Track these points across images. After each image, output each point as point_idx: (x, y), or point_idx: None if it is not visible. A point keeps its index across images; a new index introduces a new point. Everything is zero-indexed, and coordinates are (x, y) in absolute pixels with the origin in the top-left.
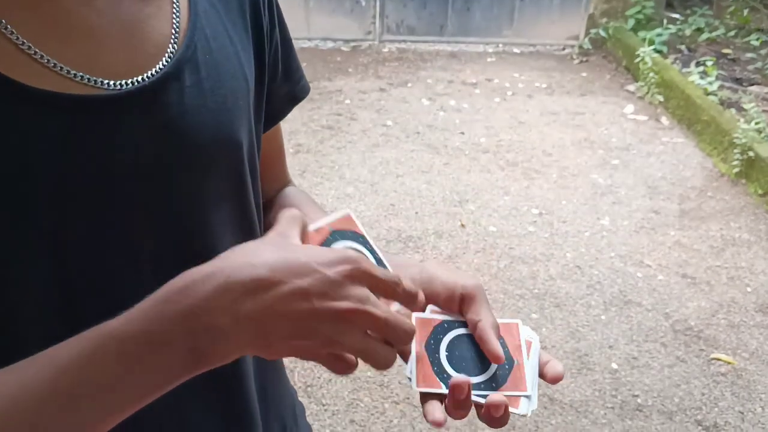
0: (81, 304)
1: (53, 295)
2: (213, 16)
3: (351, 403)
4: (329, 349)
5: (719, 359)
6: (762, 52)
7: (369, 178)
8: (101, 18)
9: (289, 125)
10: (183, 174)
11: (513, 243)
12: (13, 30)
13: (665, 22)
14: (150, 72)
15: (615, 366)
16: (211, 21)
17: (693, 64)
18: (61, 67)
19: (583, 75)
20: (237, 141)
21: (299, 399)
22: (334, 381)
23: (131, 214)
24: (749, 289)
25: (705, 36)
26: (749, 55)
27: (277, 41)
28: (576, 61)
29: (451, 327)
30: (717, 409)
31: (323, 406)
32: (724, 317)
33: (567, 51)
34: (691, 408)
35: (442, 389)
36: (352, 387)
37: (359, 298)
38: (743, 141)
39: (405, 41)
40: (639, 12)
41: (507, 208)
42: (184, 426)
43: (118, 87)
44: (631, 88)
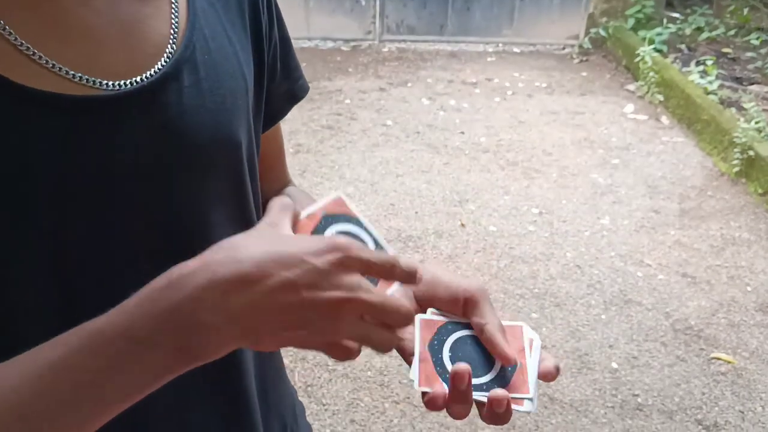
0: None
1: (53, 295)
2: (212, 15)
3: (351, 403)
4: (325, 338)
5: (719, 358)
6: (762, 51)
7: (369, 177)
8: (100, 18)
9: (289, 125)
10: (182, 174)
11: (513, 242)
12: (12, 31)
13: (665, 21)
14: (149, 72)
15: (615, 365)
16: (210, 21)
17: (693, 63)
18: (60, 68)
19: (583, 74)
20: (236, 141)
21: (299, 399)
22: (334, 381)
23: (131, 214)
24: (749, 289)
25: (705, 35)
26: (749, 54)
27: (276, 41)
28: (576, 61)
29: (455, 329)
30: (717, 409)
31: (323, 405)
32: (724, 316)
33: (567, 50)
34: (692, 407)
35: (444, 389)
36: (352, 387)
37: (349, 286)
38: (743, 140)
39: (405, 41)
40: (639, 11)
41: (507, 207)
42: (184, 426)
43: (116, 87)
44: (631, 87)
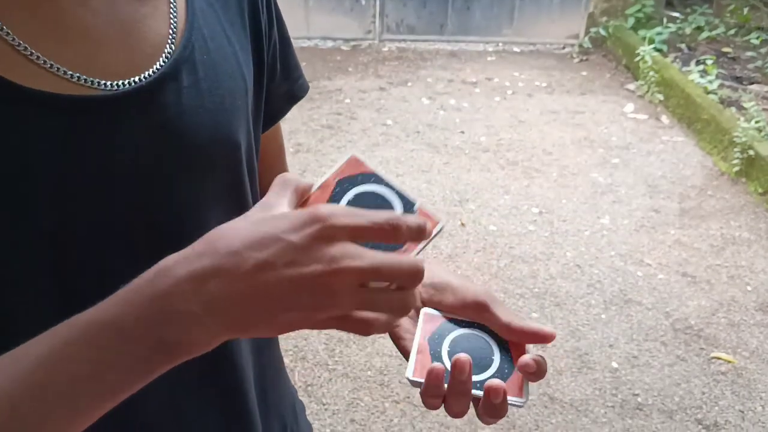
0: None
1: (53, 295)
2: (210, 15)
3: (351, 403)
4: (327, 315)
5: (719, 358)
6: (762, 50)
7: None
8: (98, 18)
9: (289, 125)
10: (182, 174)
11: (513, 242)
12: (9, 31)
13: (665, 20)
14: (147, 72)
15: (615, 365)
16: (209, 21)
17: (693, 62)
18: (58, 68)
19: (583, 74)
20: (235, 141)
21: (299, 398)
22: (334, 380)
23: (131, 214)
24: (749, 288)
25: (705, 34)
26: (749, 54)
27: (276, 40)
28: (576, 60)
29: (458, 326)
30: (717, 408)
31: (323, 405)
32: (724, 316)
33: (567, 50)
34: (692, 407)
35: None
36: (352, 386)
37: (331, 257)
38: (743, 140)
39: (405, 40)
40: (639, 11)
41: (507, 207)
42: (179, 422)
43: (115, 87)
44: (631, 86)
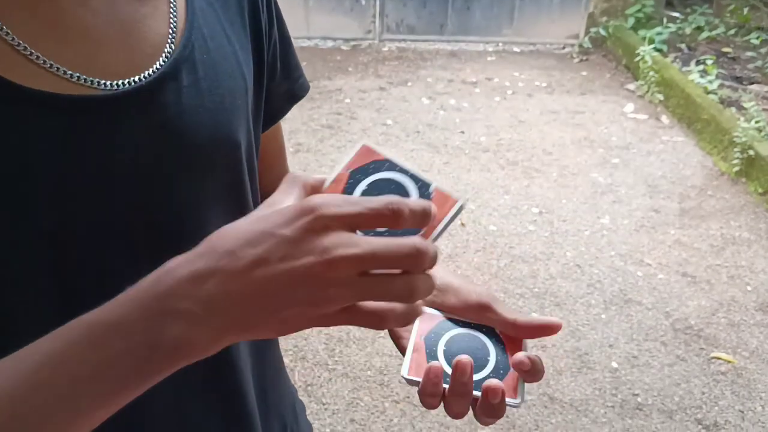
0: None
1: (53, 295)
2: (210, 15)
3: (351, 402)
4: (329, 309)
5: (719, 358)
6: (762, 50)
7: None
8: (97, 18)
9: (289, 124)
10: (182, 174)
11: (513, 242)
12: (9, 31)
13: (665, 20)
14: (147, 72)
15: (615, 365)
16: (209, 20)
17: (693, 62)
18: (58, 68)
19: (583, 74)
20: (235, 141)
21: (299, 398)
22: (334, 380)
23: (131, 214)
24: (749, 288)
25: (705, 34)
26: (749, 54)
27: (276, 40)
28: (576, 60)
29: (455, 326)
30: (717, 408)
31: (323, 405)
32: (724, 316)
33: (567, 50)
34: (692, 407)
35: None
36: (352, 386)
37: (323, 248)
38: (743, 140)
39: (405, 40)
40: (639, 11)
41: (507, 207)
42: (183, 426)
43: (115, 87)
44: (631, 86)
